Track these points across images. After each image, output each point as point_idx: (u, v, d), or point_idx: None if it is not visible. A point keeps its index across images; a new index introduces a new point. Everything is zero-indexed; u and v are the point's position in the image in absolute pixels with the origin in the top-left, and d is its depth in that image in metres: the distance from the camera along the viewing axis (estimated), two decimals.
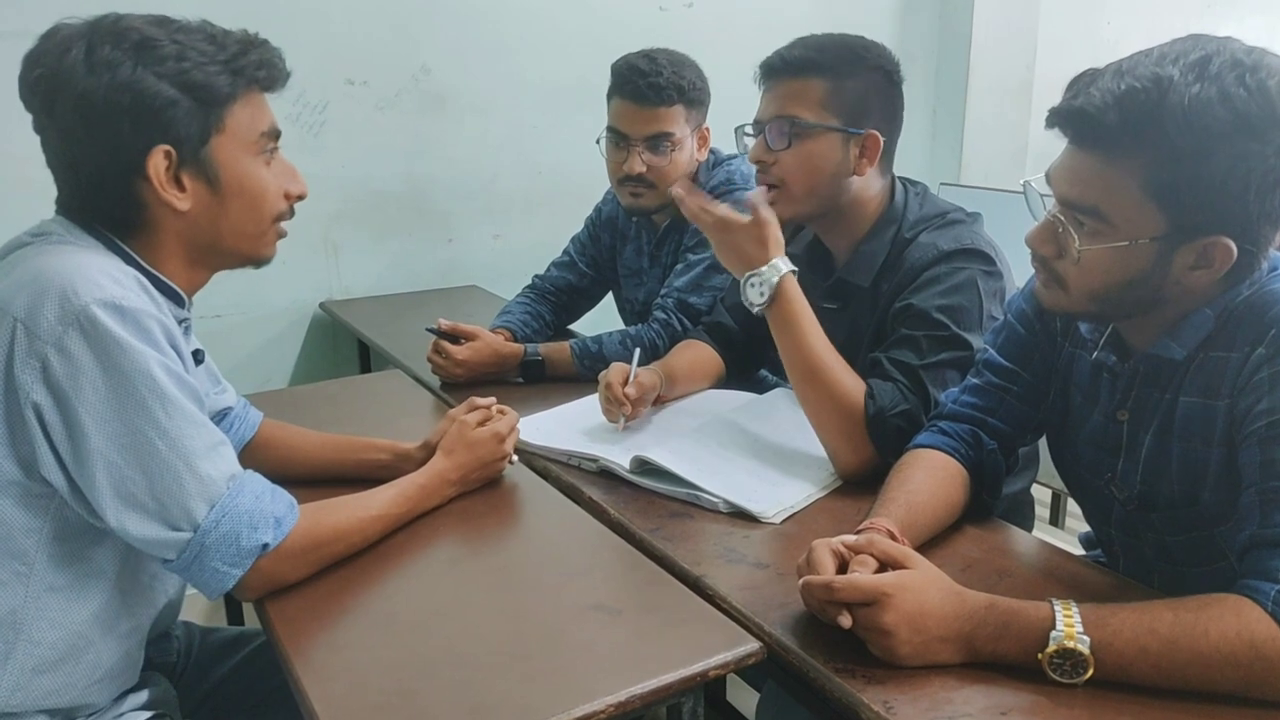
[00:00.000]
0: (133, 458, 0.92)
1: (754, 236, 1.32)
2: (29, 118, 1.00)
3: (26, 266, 0.94)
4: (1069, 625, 0.87)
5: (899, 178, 1.48)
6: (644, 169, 1.80)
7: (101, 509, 0.92)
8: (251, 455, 1.27)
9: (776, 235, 1.32)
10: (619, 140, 1.82)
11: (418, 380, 1.81)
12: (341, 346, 2.59)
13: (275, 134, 1.07)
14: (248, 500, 0.98)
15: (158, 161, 0.97)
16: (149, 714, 1.07)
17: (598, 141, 1.86)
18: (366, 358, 2.50)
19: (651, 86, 1.75)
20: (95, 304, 0.90)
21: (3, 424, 0.91)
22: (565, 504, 1.28)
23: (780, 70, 1.38)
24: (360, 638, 0.99)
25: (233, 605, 1.55)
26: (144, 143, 0.97)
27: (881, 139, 1.38)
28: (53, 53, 0.95)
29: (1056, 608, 0.88)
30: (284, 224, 1.10)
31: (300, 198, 1.10)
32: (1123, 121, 0.91)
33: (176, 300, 1.05)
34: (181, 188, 1.00)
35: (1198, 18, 3.52)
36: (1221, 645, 0.84)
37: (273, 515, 1.00)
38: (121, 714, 1.05)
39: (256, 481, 1.01)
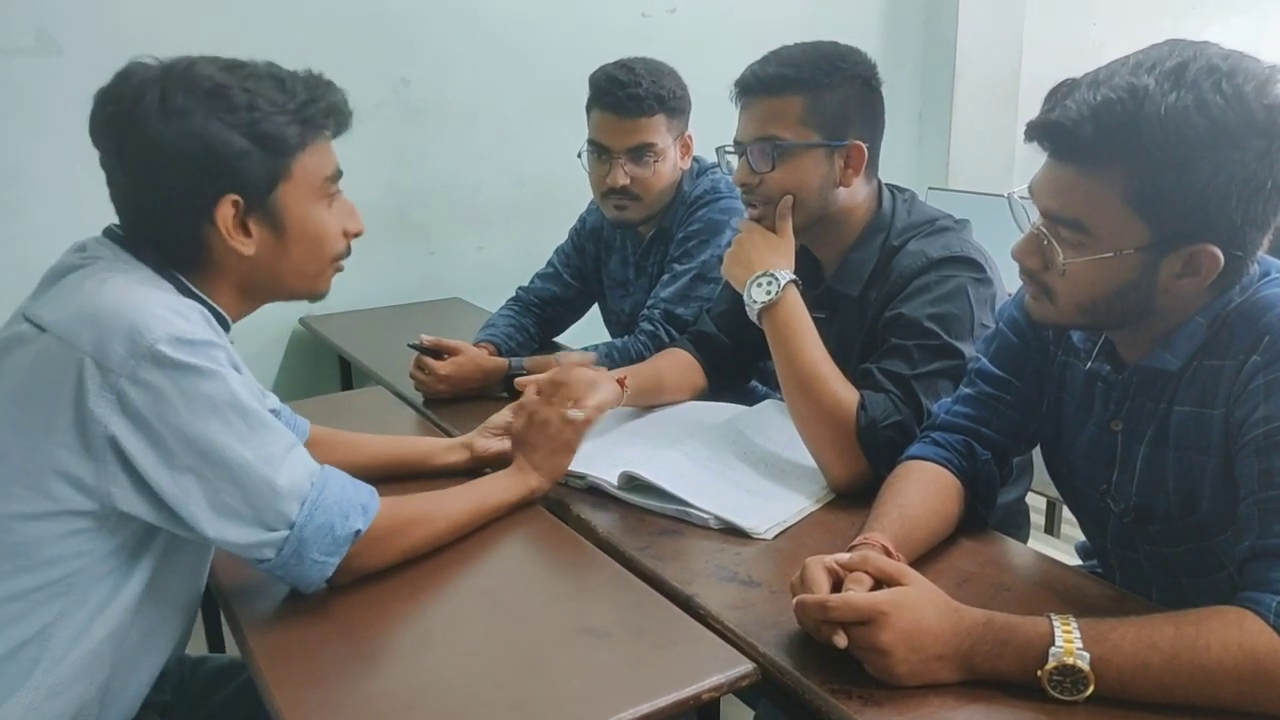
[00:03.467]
0: (223, 470, 0.94)
1: (774, 245, 1.36)
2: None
3: (84, 299, 0.93)
4: (1068, 641, 0.85)
5: (886, 185, 1.46)
6: (627, 181, 1.78)
7: (198, 523, 0.95)
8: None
9: (792, 250, 1.37)
10: (600, 153, 1.80)
11: (400, 397, 1.78)
12: (322, 363, 2.55)
13: (338, 176, 1.08)
14: (334, 491, 1.02)
15: (225, 210, 0.99)
16: None
17: (579, 155, 1.84)
18: (348, 374, 2.47)
19: (631, 98, 1.74)
20: (164, 341, 0.91)
21: (74, 457, 0.91)
22: (552, 522, 1.26)
23: (756, 89, 1.36)
24: (342, 668, 0.96)
25: (213, 633, 1.51)
26: (213, 191, 0.98)
27: (865, 148, 1.36)
28: (127, 96, 0.96)
29: (1055, 623, 0.86)
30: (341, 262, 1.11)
31: (358, 235, 1.11)
32: (1099, 134, 0.90)
33: (224, 325, 1.06)
34: (247, 233, 1.01)
35: (1183, 18, 3.52)
36: (1224, 659, 0.82)
37: (359, 502, 1.04)
38: None
39: (337, 474, 1.05)
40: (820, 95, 1.34)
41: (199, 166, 0.97)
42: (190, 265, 1.03)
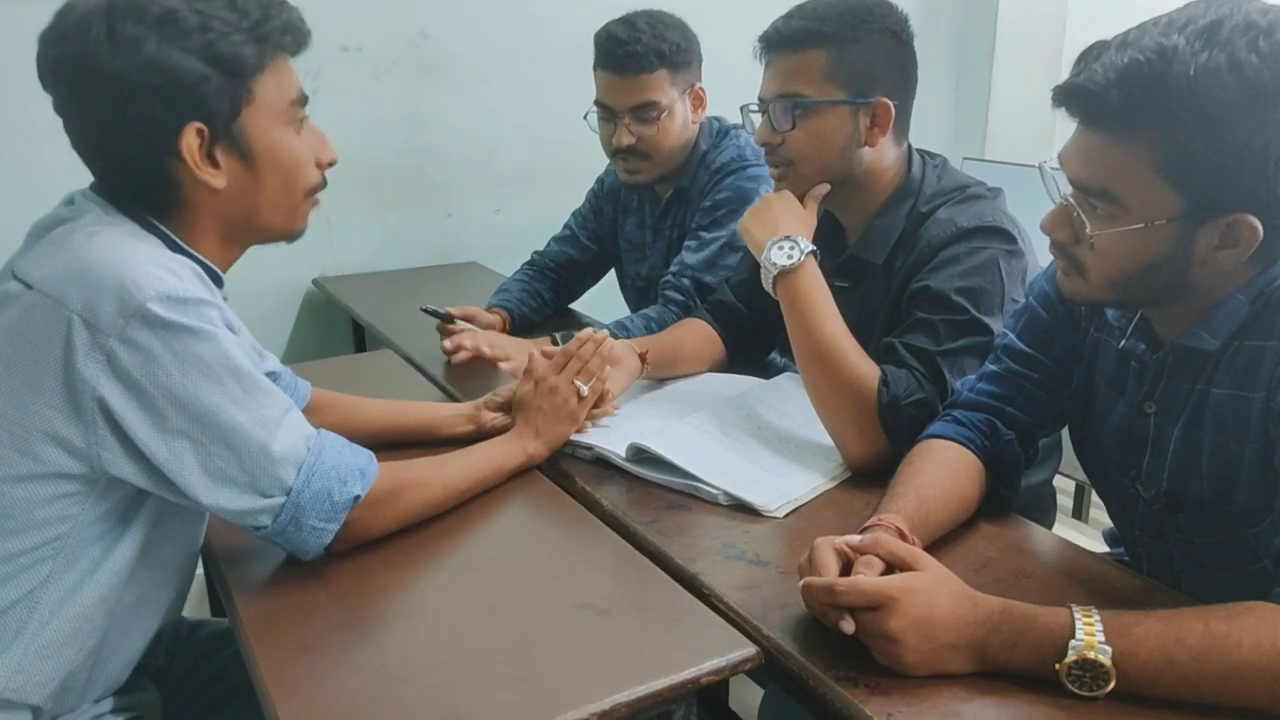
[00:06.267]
0: (217, 434, 0.92)
1: (800, 215, 1.32)
2: None
3: (72, 255, 0.90)
4: (1089, 634, 0.81)
5: (918, 150, 1.40)
6: (633, 140, 1.74)
7: (191, 489, 0.92)
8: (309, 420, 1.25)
9: (814, 227, 1.33)
10: (606, 114, 1.76)
11: (410, 362, 1.74)
12: (335, 325, 2.52)
13: (303, 100, 1.03)
14: (331, 456, 0.99)
15: (190, 140, 0.95)
16: (128, 715, 1.03)
17: (585, 117, 1.78)
18: (361, 337, 2.44)
19: (629, 55, 1.69)
20: (155, 299, 0.88)
21: (63, 419, 0.88)
22: (555, 493, 1.22)
23: (778, 44, 1.31)
24: (332, 636, 0.94)
25: (216, 597, 1.49)
26: (175, 121, 0.94)
27: (893, 105, 1.30)
28: (72, 32, 0.91)
29: (1076, 614, 0.82)
30: (318, 195, 1.08)
31: (331, 164, 1.07)
32: (1126, 98, 0.85)
33: (216, 281, 1.02)
34: (215, 165, 0.97)
35: None
36: (1255, 658, 0.77)
37: (356, 467, 1.02)
38: (100, 716, 1.01)
39: (334, 439, 1.02)
40: (845, 50, 1.28)
41: (158, 96, 0.92)
42: (166, 209, 0.99)
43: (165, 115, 0.93)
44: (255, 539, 1.01)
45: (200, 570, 1.12)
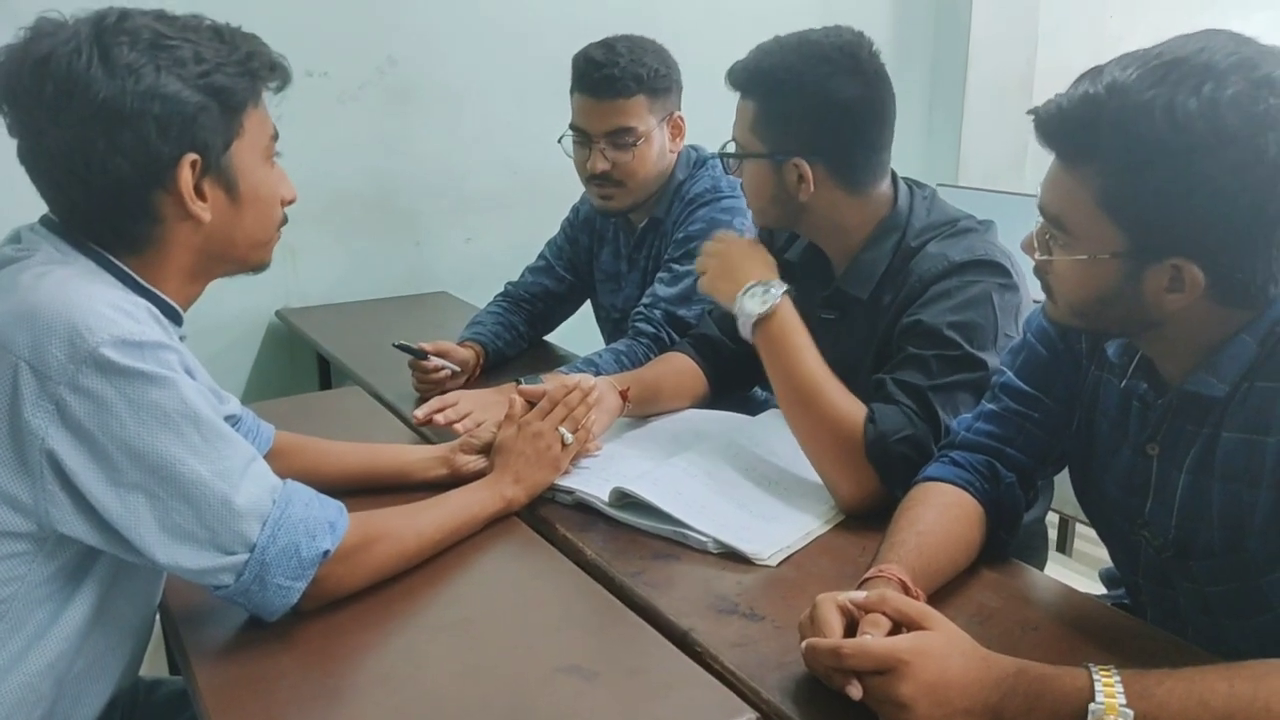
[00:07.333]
0: (175, 488, 0.87)
1: (757, 256, 1.31)
2: None
3: (20, 297, 0.85)
4: (1110, 696, 0.76)
5: (906, 180, 1.36)
6: (608, 166, 1.69)
7: (147, 547, 0.87)
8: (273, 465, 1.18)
9: (772, 259, 1.32)
10: (581, 138, 1.71)
11: (378, 399, 1.67)
12: (299, 359, 2.44)
13: (276, 136, 1.02)
14: (299, 509, 0.94)
15: (185, 172, 0.92)
16: None
17: (559, 141, 1.74)
18: (326, 371, 2.37)
19: (607, 79, 1.64)
20: (108, 343, 0.83)
21: (8, 473, 0.83)
22: (536, 542, 1.16)
23: (731, 84, 1.32)
24: (299, 708, 0.87)
25: (173, 653, 1.41)
26: (172, 152, 0.91)
27: (811, 169, 1.27)
28: (61, 54, 0.87)
29: (1095, 675, 0.78)
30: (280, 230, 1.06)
31: (291, 202, 1.06)
32: (1068, 128, 0.87)
33: (175, 319, 0.98)
34: (203, 198, 0.95)
35: (1202, 12, 3.43)
36: None
37: (326, 520, 0.96)
38: None
39: (301, 490, 0.97)
40: (770, 104, 1.27)
41: (158, 126, 0.89)
42: (134, 243, 0.94)
43: (162, 145, 0.90)
44: (215, 597, 0.95)
45: (157, 622, 1.05)
